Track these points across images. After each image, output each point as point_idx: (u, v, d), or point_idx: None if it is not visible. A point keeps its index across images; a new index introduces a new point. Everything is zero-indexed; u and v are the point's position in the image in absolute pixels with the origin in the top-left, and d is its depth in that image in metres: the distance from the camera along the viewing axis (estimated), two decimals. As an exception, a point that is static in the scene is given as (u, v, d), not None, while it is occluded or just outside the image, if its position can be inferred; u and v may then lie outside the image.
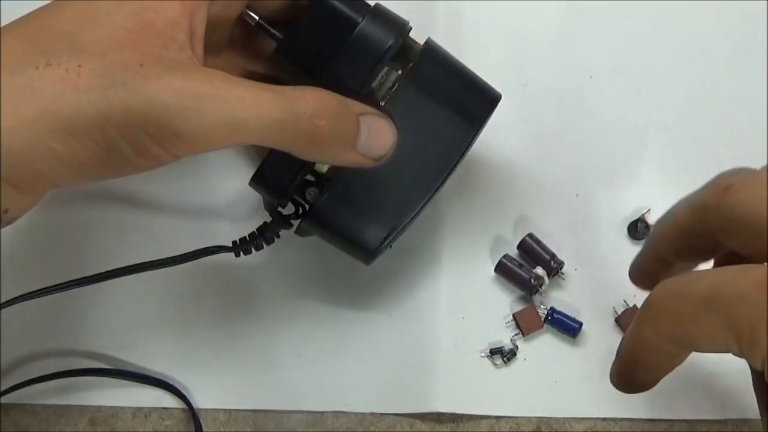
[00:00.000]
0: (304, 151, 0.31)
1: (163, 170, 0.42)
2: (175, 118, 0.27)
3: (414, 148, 0.35)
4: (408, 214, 0.36)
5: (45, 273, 0.41)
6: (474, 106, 0.36)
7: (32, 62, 0.27)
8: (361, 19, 0.34)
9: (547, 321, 0.41)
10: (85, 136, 0.27)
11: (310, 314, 0.42)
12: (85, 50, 0.28)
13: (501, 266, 0.41)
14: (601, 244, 0.42)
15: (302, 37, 0.34)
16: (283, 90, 0.30)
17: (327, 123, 0.30)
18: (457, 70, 0.36)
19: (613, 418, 0.41)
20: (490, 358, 0.41)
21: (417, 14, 0.37)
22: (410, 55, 0.36)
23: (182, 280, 0.42)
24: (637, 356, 0.27)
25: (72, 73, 0.27)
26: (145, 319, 0.42)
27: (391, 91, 0.35)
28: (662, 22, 0.45)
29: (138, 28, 0.28)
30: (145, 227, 0.43)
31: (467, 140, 0.36)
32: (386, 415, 0.41)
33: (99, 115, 0.27)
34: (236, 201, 0.43)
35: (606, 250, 0.42)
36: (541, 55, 0.45)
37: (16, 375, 0.41)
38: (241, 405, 0.41)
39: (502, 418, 0.41)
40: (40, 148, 0.27)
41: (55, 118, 0.27)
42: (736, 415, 0.40)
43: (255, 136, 0.29)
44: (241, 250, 0.38)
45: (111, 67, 0.27)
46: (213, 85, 0.28)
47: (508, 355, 0.41)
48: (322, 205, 0.36)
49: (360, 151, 0.32)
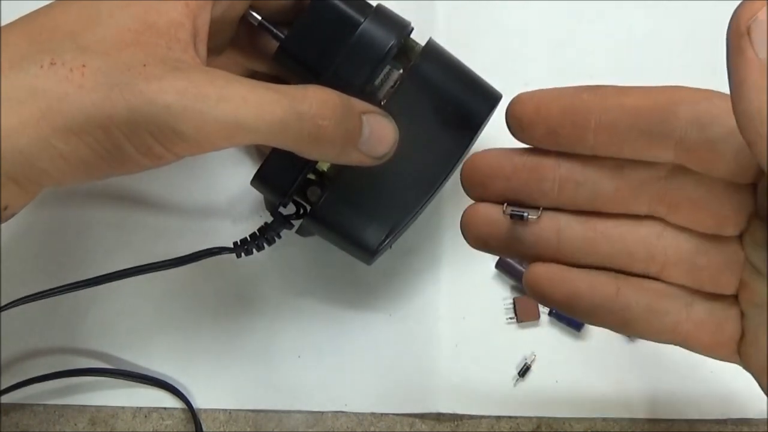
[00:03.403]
0: (307, 150, 0.31)
1: (165, 170, 0.42)
2: (178, 118, 0.27)
3: (415, 147, 0.35)
4: (408, 213, 0.36)
5: (46, 273, 0.41)
6: (474, 106, 0.36)
7: (36, 61, 0.27)
8: (363, 19, 0.34)
9: (551, 314, 0.41)
10: (89, 136, 0.27)
11: (311, 314, 0.42)
12: (89, 50, 0.28)
13: (502, 262, 0.41)
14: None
15: (305, 37, 0.34)
16: (286, 89, 0.30)
17: (330, 122, 0.30)
18: (458, 70, 0.36)
19: (613, 418, 0.41)
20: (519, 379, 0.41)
21: (417, 14, 0.37)
22: (411, 55, 0.36)
23: (183, 280, 0.42)
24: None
25: (76, 73, 0.27)
26: (146, 319, 0.42)
27: (392, 90, 0.35)
28: (662, 22, 0.45)
29: (141, 29, 0.28)
30: (147, 227, 0.43)
31: (468, 140, 0.36)
32: (386, 415, 0.41)
33: (102, 114, 0.27)
34: (238, 201, 0.43)
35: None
36: (541, 55, 0.45)
37: (16, 375, 0.41)
38: (241, 405, 0.41)
39: (502, 418, 0.41)
40: (43, 146, 0.27)
41: (59, 117, 0.27)
42: (736, 415, 0.40)
43: (258, 135, 0.29)
44: (242, 251, 0.38)
45: (114, 67, 0.27)
46: (215, 86, 0.28)
47: (523, 370, 0.41)
48: (323, 205, 0.36)
49: (362, 150, 0.32)
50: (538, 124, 0.28)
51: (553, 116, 0.28)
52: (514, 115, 0.29)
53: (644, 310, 0.29)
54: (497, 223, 0.30)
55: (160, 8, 0.29)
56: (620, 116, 0.27)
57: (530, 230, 0.30)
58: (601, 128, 0.27)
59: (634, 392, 0.41)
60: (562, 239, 0.30)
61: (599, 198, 0.29)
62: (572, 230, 0.30)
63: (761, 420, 0.40)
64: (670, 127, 0.26)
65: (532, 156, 0.30)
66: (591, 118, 0.27)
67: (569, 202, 0.29)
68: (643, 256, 0.29)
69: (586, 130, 0.28)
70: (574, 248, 0.30)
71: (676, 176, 0.28)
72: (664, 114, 0.26)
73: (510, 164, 0.30)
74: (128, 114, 0.27)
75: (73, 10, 0.29)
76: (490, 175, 0.30)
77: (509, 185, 0.30)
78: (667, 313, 0.29)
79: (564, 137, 0.28)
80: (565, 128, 0.28)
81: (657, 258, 0.29)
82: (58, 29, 0.28)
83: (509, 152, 0.30)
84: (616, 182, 0.29)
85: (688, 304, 0.29)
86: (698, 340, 0.29)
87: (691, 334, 0.29)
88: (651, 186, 0.29)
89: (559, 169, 0.29)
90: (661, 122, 0.27)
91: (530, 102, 0.29)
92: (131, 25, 0.28)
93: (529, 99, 0.29)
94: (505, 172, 0.30)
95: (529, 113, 0.28)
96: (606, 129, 0.27)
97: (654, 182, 0.28)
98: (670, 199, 0.28)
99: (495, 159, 0.30)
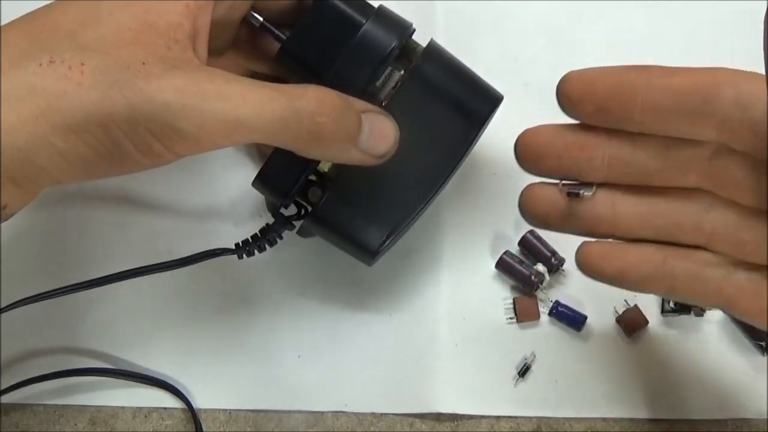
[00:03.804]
0: (306, 148, 0.31)
1: (166, 172, 0.42)
2: (177, 116, 0.27)
3: (416, 148, 0.35)
4: (409, 214, 0.36)
5: (46, 274, 0.41)
6: (475, 107, 0.36)
7: (35, 59, 0.27)
8: (365, 20, 0.34)
9: (551, 314, 0.41)
10: (88, 134, 0.27)
11: (311, 314, 0.42)
12: (88, 48, 0.28)
13: (502, 262, 0.41)
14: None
15: (306, 38, 0.34)
16: (285, 88, 0.30)
17: (329, 120, 0.30)
18: (459, 70, 0.36)
19: (613, 418, 0.41)
20: (519, 379, 0.41)
21: (417, 14, 0.37)
22: (413, 56, 0.36)
23: (183, 280, 0.42)
24: None
25: (75, 71, 0.27)
26: (146, 320, 0.42)
27: (394, 91, 0.35)
28: (662, 21, 0.45)
29: (141, 28, 0.28)
30: (148, 228, 0.43)
31: (468, 141, 0.36)
32: (386, 415, 0.41)
33: (101, 112, 0.27)
34: (239, 202, 0.43)
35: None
36: (541, 55, 0.45)
37: (16, 375, 0.41)
38: (241, 405, 0.41)
39: (502, 418, 0.41)
40: (42, 144, 0.27)
41: (58, 114, 0.27)
42: (736, 415, 0.40)
43: (257, 133, 0.29)
44: (243, 252, 0.38)
45: (114, 65, 0.27)
46: (214, 84, 0.28)
47: (523, 370, 0.41)
48: (324, 205, 0.36)
49: (362, 149, 0.32)
50: (587, 102, 0.29)
51: (600, 94, 0.29)
52: (563, 92, 0.30)
53: (689, 278, 0.31)
54: (554, 201, 0.32)
55: (159, 8, 0.29)
56: (665, 96, 0.28)
57: (586, 206, 0.31)
58: (648, 107, 0.28)
59: (634, 392, 0.41)
60: (617, 214, 0.31)
61: (647, 174, 0.30)
62: (625, 205, 0.31)
63: (761, 420, 0.40)
64: (713, 107, 0.27)
65: (582, 133, 0.31)
66: (637, 97, 0.29)
67: (619, 178, 0.31)
68: (691, 227, 0.30)
69: (632, 109, 0.29)
70: (629, 222, 0.31)
71: (721, 154, 0.29)
72: (708, 94, 0.27)
73: (562, 142, 0.31)
74: (127, 112, 0.27)
75: (72, 10, 0.29)
76: (542, 153, 0.31)
77: (561, 162, 0.31)
78: (710, 279, 0.30)
79: (612, 115, 0.29)
80: (612, 106, 0.29)
81: (704, 229, 0.30)
82: (58, 28, 0.28)
83: (561, 129, 0.31)
84: (662, 160, 0.30)
85: (731, 272, 0.30)
86: (741, 305, 0.30)
87: (734, 299, 0.30)
88: (697, 164, 0.30)
89: (608, 147, 0.30)
90: (704, 102, 0.27)
91: (579, 80, 0.30)
92: (131, 25, 0.28)
93: (578, 77, 0.30)
94: (556, 149, 0.31)
95: (578, 91, 0.30)
96: (652, 108, 0.28)
97: (700, 160, 0.29)
98: (715, 176, 0.29)
99: (547, 136, 0.31)
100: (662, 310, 0.41)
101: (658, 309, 0.41)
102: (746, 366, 0.41)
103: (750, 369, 0.40)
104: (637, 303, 0.41)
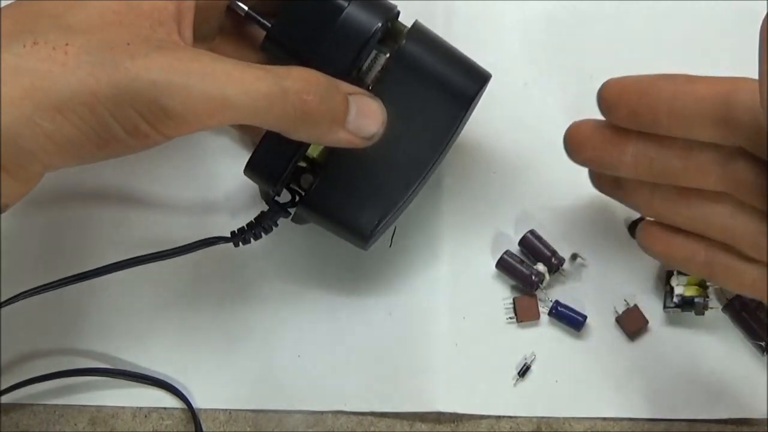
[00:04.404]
0: (294, 128, 0.31)
1: (161, 162, 0.43)
2: (163, 94, 0.28)
3: (404, 129, 0.35)
4: (401, 197, 0.36)
5: (44, 270, 0.41)
6: (462, 85, 0.36)
7: (19, 41, 0.27)
8: (347, 3, 0.34)
9: (551, 314, 0.41)
10: (73, 114, 0.27)
11: (311, 314, 0.42)
12: (72, 29, 0.28)
13: (502, 262, 0.41)
14: (602, 243, 0.42)
15: (291, 24, 0.34)
16: (271, 68, 0.30)
17: (315, 98, 0.30)
18: (444, 50, 0.36)
19: (613, 418, 0.41)
20: (519, 379, 0.41)
21: (417, 14, 0.37)
22: (399, 39, 0.36)
23: (182, 279, 0.42)
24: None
25: (59, 51, 0.27)
26: (146, 319, 0.42)
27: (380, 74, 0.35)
28: (662, 22, 0.45)
29: (125, 10, 0.29)
30: (145, 222, 0.43)
31: (457, 120, 0.36)
32: (386, 415, 0.41)
33: (87, 92, 0.27)
34: (235, 194, 0.43)
35: (607, 249, 0.42)
36: (541, 55, 0.45)
37: (16, 375, 0.41)
38: (241, 405, 0.41)
39: (502, 418, 0.41)
40: (27, 125, 0.27)
41: (43, 95, 0.27)
42: (736, 415, 0.40)
43: (243, 113, 0.29)
44: (240, 240, 0.38)
45: (98, 45, 0.28)
46: (200, 63, 0.28)
47: (523, 370, 0.41)
48: (315, 191, 0.36)
49: (350, 129, 0.32)
50: (621, 106, 0.32)
51: (633, 100, 0.32)
52: (602, 96, 0.33)
53: (725, 269, 0.33)
54: (596, 132, 0.35)
55: None
56: (689, 102, 0.30)
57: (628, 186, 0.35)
58: (673, 112, 0.31)
59: (634, 392, 0.41)
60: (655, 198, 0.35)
61: (671, 172, 0.33)
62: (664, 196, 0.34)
63: (761, 420, 0.40)
64: (730, 113, 0.29)
65: (617, 130, 0.33)
66: (664, 103, 0.31)
67: (645, 173, 0.33)
68: (719, 229, 0.33)
69: (660, 113, 0.31)
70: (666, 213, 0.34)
71: (739, 158, 0.31)
72: (726, 101, 0.29)
73: (600, 136, 0.34)
74: (113, 91, 0.27)
75: None
76: (583, 143, 0.34)
77: (597, 154, 0.34)
78: (743, 273, 0.33)
79: (642, 118, 0.32)
80: (642, 111, 0.32)
81: (730, 232, 0.33)
82: (42, 11, 0.29)
83: (601, 125, 0.34)
84: (685, 160, 0.32)
85: (762, 267, 0.32)
86: None
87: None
88: (717, 166, 0.32)
89: (637, 144, 0.33)
90: (722, 109, 0.29)
91: (615, 87, 0.32)
92: (115, 7, 0.29)
93: (615, 84, 0.32)
94: (594, 142, 0.34)
95: (614, 96, 0.32)
96: (677, 113, 0.31)
97: (720, 163, 0.32)
98: (734, 179, 0.31)
99: (588, 130, 0.34)
100: (665, 306, 0.41)
101: (660, 306, 0.41)
102: (746, 366, 0.41)
103: (750, 369, 0.40)
104: (637, 303, 0.41)
